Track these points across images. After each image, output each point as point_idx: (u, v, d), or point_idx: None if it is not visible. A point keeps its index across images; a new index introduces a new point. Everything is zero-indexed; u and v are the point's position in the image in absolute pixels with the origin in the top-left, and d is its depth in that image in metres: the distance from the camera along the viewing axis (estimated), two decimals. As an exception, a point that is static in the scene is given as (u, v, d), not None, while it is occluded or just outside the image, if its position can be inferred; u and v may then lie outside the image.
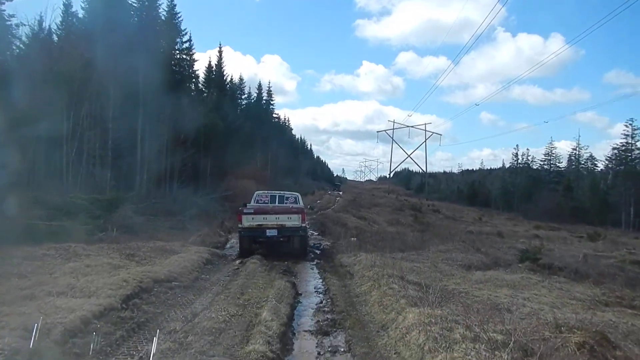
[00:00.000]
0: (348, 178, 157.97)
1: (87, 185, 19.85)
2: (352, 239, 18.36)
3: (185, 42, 26.56)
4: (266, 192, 16.08)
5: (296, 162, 59.39)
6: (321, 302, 7.99)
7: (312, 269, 11.72)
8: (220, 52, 34.07)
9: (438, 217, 35.61)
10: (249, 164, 35.25)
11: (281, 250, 13.03)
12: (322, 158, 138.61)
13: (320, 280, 10.00)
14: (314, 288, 9.22)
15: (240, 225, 12.73)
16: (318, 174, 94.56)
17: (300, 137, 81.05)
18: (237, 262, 11.38)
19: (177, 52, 26.19)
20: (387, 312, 6.57)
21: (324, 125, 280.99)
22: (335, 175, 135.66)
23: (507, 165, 74.27)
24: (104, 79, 21.40)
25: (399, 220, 29.40)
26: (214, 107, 31.49)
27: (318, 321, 6.75)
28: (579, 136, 76.52)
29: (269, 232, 12.54)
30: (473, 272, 11.75)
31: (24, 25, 20.46)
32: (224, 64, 34.16)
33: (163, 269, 8.31)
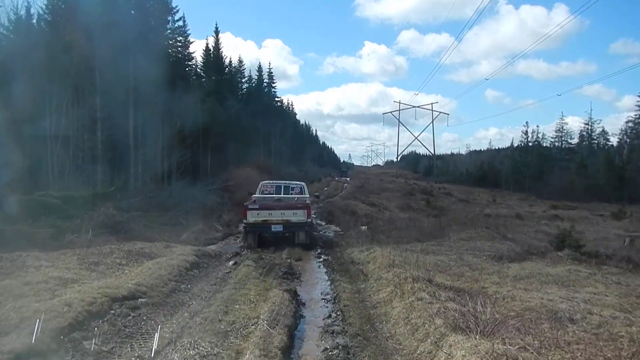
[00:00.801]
0: (355, 163, 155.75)
1: (76, 181, 18.17)
2: (363, 227, 16.56)
3: (178, 20, 24.54)
4: (271, 182, 15.51)
5: (301, 148, 57.41)
6: (330, 316, 6.19)
7: (319, 267, 9.93)
8: (216, 33, 32.05)
9: (451, 200, 33.61)
10: (251, 152, 33.43)
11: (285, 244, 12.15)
12: (328, 144, 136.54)
13: (329, 283, 8.21)
14: (321, 294, 7.43)
15: (245, 221, 12.32)
16: (324, 160, 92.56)
17: (305, 123, 78.96)
18: (231, 263, 9.60)
19: (169, 31, 24.21)
20: (420, 337, 4.75)
21: (328, 110, 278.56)
22: (342, 161, 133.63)
23: (517, 144, 71.84)
24: (89, 63, 19.62)
25: (410, 206, 27.46)
26: (212, 91, 29.56)
27: (325, 350, 4.95)
28: (591, 110, 72.70)
29: (274, 228, 12.27)
30: (507, 264, 9.88)
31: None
32: (221, 46, 32.12)
33: (130, 281, 6.53)
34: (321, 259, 10.88)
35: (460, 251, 11.40)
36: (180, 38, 24.98)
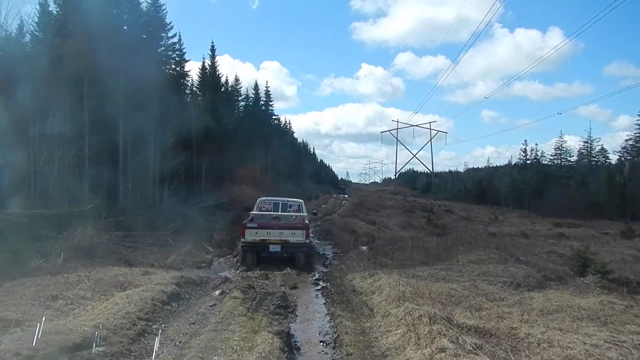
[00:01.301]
0: (353, 181, 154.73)
1: (61, 198, 17.01)
2: (363, 248, 15.41)
3: (172, 37, 23.66)
4: (269, 198, 15.30)
5: (299, 166, 56.31)
6: (330, 367, 5.03)
7: (317, 297, 8.73)
8: (212, 51, 31.21)
9: (452, 218, 32.46)
10: (248, 169, 32.34)
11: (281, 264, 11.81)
12: (326, 162, 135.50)
13: (328, 319, 7.02)
14: (319, 334, 6.25)
15: (243, 240, 12.12)
16: (322, 177, 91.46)
17: (303, 141, 77.99)
18: (217, 292, 8.40)
19: (163, 48, 23.30)
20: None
21: (325, 129, 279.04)
22: (340, 178, 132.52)
23: (515, 162, 71.03)
24: (78, 76, 18.64)
25: (411, 224, 26.31)
26: (208, 108, 28.62)
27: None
28: (590, 128, 71.92)
29: (272, 248, 12.04)
30: (527, 293, 8.72)
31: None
32: (217, 64, 31.30)
33: (89, 322, 5.35)
34: (319, 287, 9.69)
35: (472, 276, 10.23)
36: (174, 55, 24.05)
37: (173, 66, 24.71)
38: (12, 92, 16.16)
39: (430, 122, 74.58)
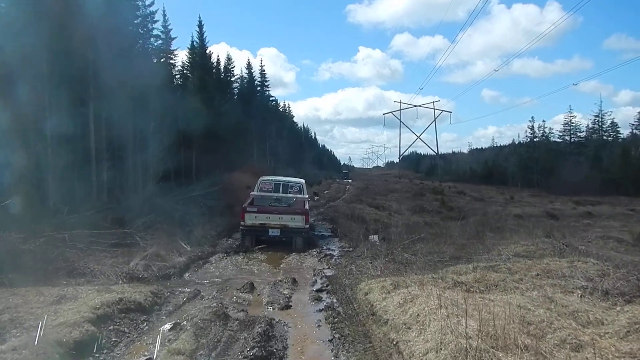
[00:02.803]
0: (355, 166, 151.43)
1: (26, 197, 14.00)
2: (374, 238, 12.44)
3: (150, 5, 20.26)
4: (270, 179, 14.74)
5: (300, 151, 53.02)
6: None
7: (319, 328, 5.72)
8: (200, 27, 27.86)
9: (465, 200, 29.36)
10: (244, 155, 29.28)
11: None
12: (328, 147, 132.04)
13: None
14: None
15: (242, 223, 11.88)
16: (324, 163, 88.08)
17: (304, 126, 74.55)
18: (167, 327, 5.37)
19: (140, 19, 20.01)
20: None
21: (326, 115, 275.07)
22: (342, 163, 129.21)
23: (521, 140, 67.68)
24: (36, 52, 15.49)
25: (423, 207, 23.24)
26: (197, 89, 25.43)
27: None
28: (601, 101, 67.39)
29: (271, 232, 11.81)
30: (630, 307, 5.71)
31: None
32: (207, 41, 27.97)
33: None
34: (322, 305, 6.67)
35: (534, 280, 7.17)
36: (153, 27, 20.75)
37: (153, 40, 21.38)
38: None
39: (434, 102, 71.00)
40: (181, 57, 27.22)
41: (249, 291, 7.48)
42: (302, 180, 14.93)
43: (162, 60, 24.60)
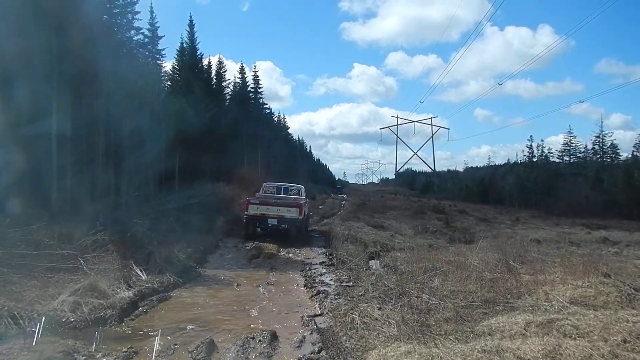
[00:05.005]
0: (350, 181, 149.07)
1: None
2: (375, 264, 10.05)
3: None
4: (273, 184, 17.30)
5: (294, 164, 50.49)
6: None
7: None
8: (191, 26, 25.57)
9: (469, 220, 26.93)
10: (232, 165, 26.76)
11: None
12: (323, 162, 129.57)
13: None
14: None
15: (246, 213, 13.69)
16: (319, 177, 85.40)
17: (299, 138, 72.08)
18: None
19: (118, 10, 17.62)
20: None
21: (320, 130, 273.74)
22: (337, 179, 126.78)
23: (518, 160, 65.87)
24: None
25: (426, 228, 20.80)
26: (183, 91, 23.06)
27: None
28: (602, 122, 64.94)
29: (270, 221, 13.52)
30: None
31: None
32: (197, 42, 25.69)
33: None
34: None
35: (630, 354, 4.72)
36: (133, 18, 18.28)
37: (133, 32, 18.90)
38: None
39: (431, 117, 68.89)
40: (171, 64, 25.15)
41: (205, 355, 4.96)
42: (301, 185, 17.32)
43: (148, 60, 22.27)
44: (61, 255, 9.03)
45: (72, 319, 6.34)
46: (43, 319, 5.79)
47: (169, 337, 5.66)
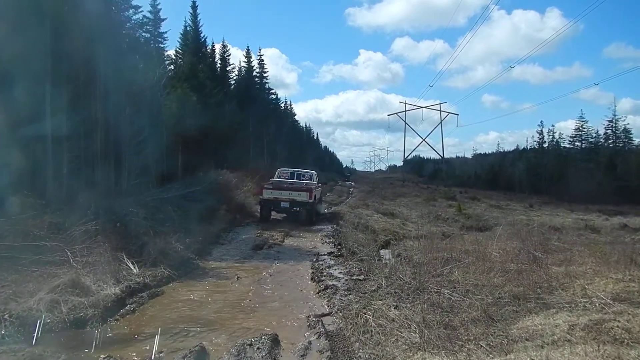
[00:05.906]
0: (357, 169, 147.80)
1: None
2: (386, 255, 9.22)
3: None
4: (287, 169, 18.04)
5: (301, 151, 49.53)
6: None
7: None
8: (194, 8, 24.57)
9: (482, 207, 25.93)
10: (237, 152, 25.89)
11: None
12: (330, 149, 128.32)
13: None
14: None
15: (261, 197, 14.75)
16: (326, 164, 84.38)
17: (306, 125, 70.89)
18: None
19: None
20: None
21: (327, 117, 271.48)
22: (345, 166, 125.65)
23: (527, 146, 64.20)
24: None
25: (438, 215, 19.87)
26: (186, 76, 22.15)
27: None
28: (615, 106, 62.59)
29: (282, 204, 14.43)
30: None
31: None
32: (200, 25, 24.69)
33: None
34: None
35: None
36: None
37: (131, 12, 17.94)
38: None
39: (440, 103, 67.17)
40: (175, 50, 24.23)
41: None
42: (314, 171, 18.22)
43: (150, 44, 21.38)
44: (48, 247, 8.28)
45: (48, 320, 5.57)
46: (9, 321, 5.02)
47: (154, 342, 4.85)
